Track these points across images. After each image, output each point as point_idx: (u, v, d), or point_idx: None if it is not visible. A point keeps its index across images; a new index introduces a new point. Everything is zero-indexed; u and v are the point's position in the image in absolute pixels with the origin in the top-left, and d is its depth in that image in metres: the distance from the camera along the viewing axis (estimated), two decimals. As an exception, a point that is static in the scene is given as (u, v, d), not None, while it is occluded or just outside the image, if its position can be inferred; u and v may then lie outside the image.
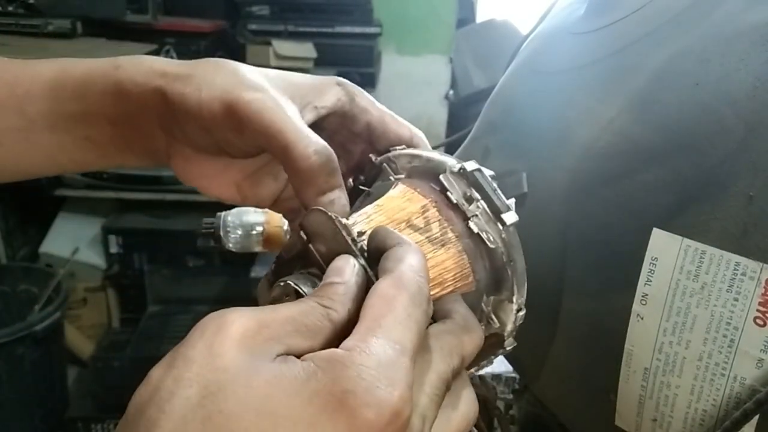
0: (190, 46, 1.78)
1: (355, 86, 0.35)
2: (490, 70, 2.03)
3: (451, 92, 2.16)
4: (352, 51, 1.92)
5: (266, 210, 0.61)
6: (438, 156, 0.32)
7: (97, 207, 1.88)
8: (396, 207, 0.30)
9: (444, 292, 0.29)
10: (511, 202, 0.30)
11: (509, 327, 0.31)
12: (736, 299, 0.30)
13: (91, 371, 1.67)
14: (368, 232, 0.28)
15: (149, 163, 0.37)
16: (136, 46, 1.65)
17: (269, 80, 0.32)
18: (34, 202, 1.84)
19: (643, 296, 0.33)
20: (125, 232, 1.81)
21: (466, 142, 0.51)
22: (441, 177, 0.31)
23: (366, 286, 0.26)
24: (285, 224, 0.63)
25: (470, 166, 0.30)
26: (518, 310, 0.31)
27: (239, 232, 0.64)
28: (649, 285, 0.33)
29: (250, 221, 0.64)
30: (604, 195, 0.35)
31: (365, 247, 0.27)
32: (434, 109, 2.23)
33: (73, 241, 1.83)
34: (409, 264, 0.25)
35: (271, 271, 0.30)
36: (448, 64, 2.16)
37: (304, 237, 0.28)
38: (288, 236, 0.63)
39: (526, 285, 0.31)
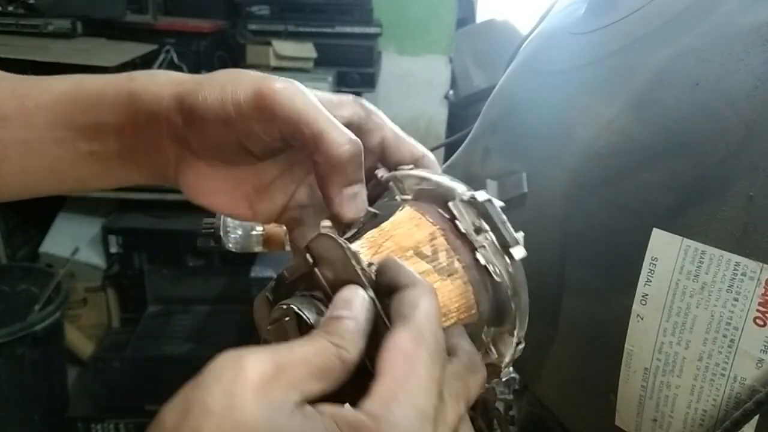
0: (190, 46, 1.78)
1: (371, 105, 0.35)
2: (490, 70, 2.03)
3: (451, 92, 2.16)
4: (352, 51, 1.92)
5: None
6: (448, 181, 0.32)
7: (97, 207, 1.88)
8: (404, 233, 0.30)
9: (448, 322, 0.29)
10: (520, 236, 0.30)
11: (507, 359, 0.31)
12: (736, 299, 0.30)
13: (91, 371, 1.67)
14: (376, 262, 0.28)
15: (153, 180, 0.36)
16: (136, 46, 1.65)
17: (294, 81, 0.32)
18: (34, 202, 1.84)
19: (643, 296, 0.33)
20: (125, 232, 1.80)
21: (466, 142, 0.51)
22: (450, 204, 0.30)
23: (375, 321, 0.26)
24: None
25: (481, 196, 0.30)
26: (518, 344, 0.31)
27: (239, 232, 0.64)
28: (649, 285, 0.33)
29: (251, 221, 0.64)
30: (604, 195, 0.35)
31: (374, 278, 0.27)
32: (434, 109, 2.23)
33: (73, 241, 1.83)
34: (426, 312, 0.25)
35: (271, 289, 0.30)
36: (448, 64, 2.16)
37: (311, 260, 0.28)
38: (287, 238, 0.63)
39: (527, 319, 0.31)
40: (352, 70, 1.91)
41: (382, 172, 0.35)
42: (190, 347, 1.67)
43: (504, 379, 0.32)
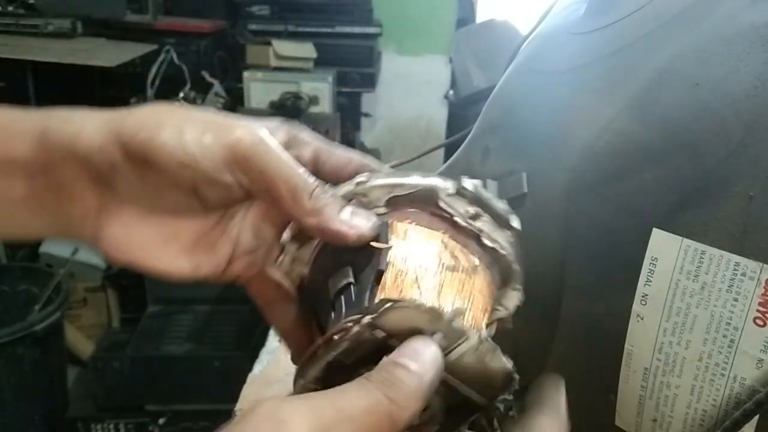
0: (190, 46, 1.78)
1: (295, 127, 0.34)
2: (490, 70, 2.03)
3: (451, 92, 2.16)
4: (352, 51, 1.92)
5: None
6: (422, 180, 0.31)
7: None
8: (421, 254, 0.29)
9: (488, 315, 0.30)
10: (506, 205, 0.31)
11: (512, 309, 0.33)
12: (736, 299, 0.30)
13: (91, 371, 1.67)
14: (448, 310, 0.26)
15: (64, 234, 0.32)
16: (136, 46, 1.65)
17: (253, 124, 0.30)
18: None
19: (643, 296, 0.33)
20: (125, 232, 1.80)
21: (466, 142, 0.51)
22: (442, 204, 0.31)
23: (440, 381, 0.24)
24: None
25: (466, 183, 0.31)
26: (517, 292, 0.33)
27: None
28: (649, 285, 0.33)
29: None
30: (604, 195, 0.35)
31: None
32: (434, 109, 2.23)
33: (73, 241, 1.82)
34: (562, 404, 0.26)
35: (316, 379, 0.26)
36: (448, 64, 2.16)
37: (381, 335, 0.25)
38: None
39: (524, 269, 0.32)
40: (352, 70, 1.91)
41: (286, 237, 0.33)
42: (190, 347, 1.67)
43: (509, 327, 0.33)
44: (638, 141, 0.34)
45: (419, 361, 0.23)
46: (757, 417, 0.30)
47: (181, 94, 1.76)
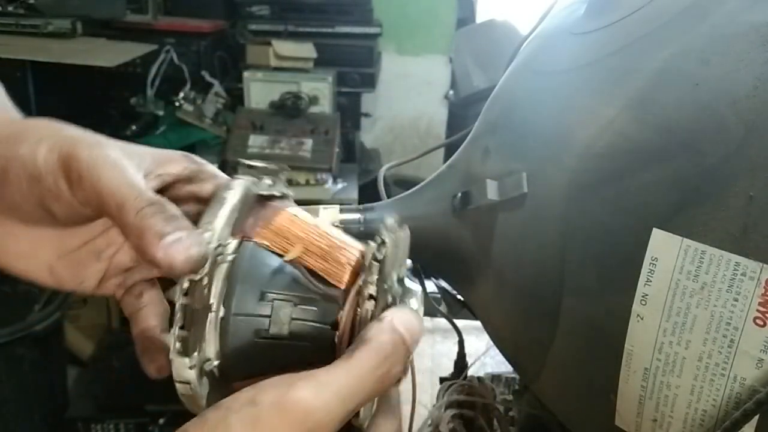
0: (190, 46, 1.78)
1: (201, 159, 0.33)
2: (490, 70, 2.03)
3: (451, 92, 2.16)
4: (352, 51, 1.92)
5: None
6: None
7: (97, 207, 1.87)
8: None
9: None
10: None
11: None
12: (736, 299, 0.30)
13: (91, 371, 1.67)
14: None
15: None
16: (136, 46, 1.65)
17: (109, 143, 0.30)
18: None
19: (643, 296, 0.33)
20: (125, 232, 1.80)
21: (466, 142, 0.51)
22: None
23: None
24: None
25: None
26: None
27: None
28: (649, 285, 0.33)
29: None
30: (604, 195, 0.35)
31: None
32: (434, 109, 2.23)
33: None
34: None
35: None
36: (448, 64, 2.16)
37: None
38: None
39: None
40: (352, 70, 1.91)
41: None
42: (190, 347, 1.66)
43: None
44: (638, 141, 0.34)
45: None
46: (757, 417, 0.30)
47: (181, 94, 1.76)
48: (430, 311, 0.47)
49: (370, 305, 0.28)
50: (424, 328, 0.28)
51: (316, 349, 0.28)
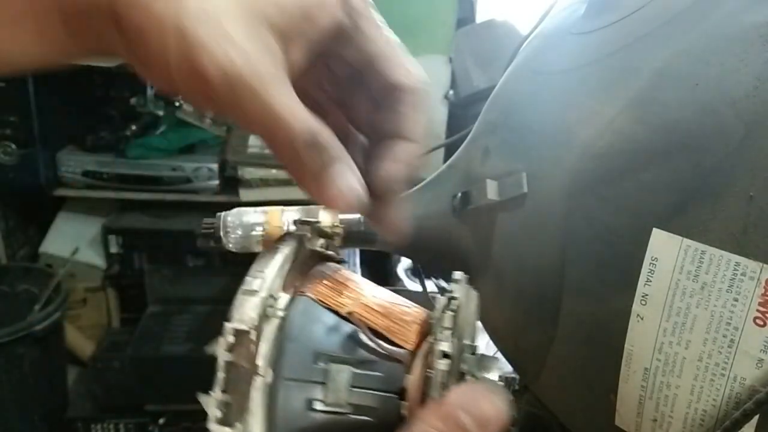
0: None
1: (363, 3, 0.28)
2: (490, 70, 2.03)
3: (451, 92, 2.16)
4: (352, 51, 1.92)
5: (266, 210, 0.61)
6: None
7: (97, 207, 1.87)
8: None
9: None
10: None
11: None
12: (736, 299, 0.30)
13: (91, 371, 1.67)
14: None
15: (112, 61, 0.28)
16: (136, 46, 1.64)
17: (245, 14, 0.23)
18: (34, 202, 1.84)
19: (643, 296, 0.33)
20: (125, 232, 1.80)
21: (466, 142, 0.51)
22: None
23: None
24: (285, 225, 0.63)
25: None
26: None
27: (239, 232, 0.64)
28: (649, 285, 0.33)
29: (250, 221, 0.64)
30: (604, 195, 0.35)
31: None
32: (434, 109, 2.23)
33: (73, 241, 1.83)
34: None
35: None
36: (448, 64, 2.16)
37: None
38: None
39: None
40: (353, 70, 1.91)
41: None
42: (190, 347, 1.66)
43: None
44: (638, 141, 0.34)
45: None
46: (757, 417, 0.30)
47: (182, 94, 1.76)
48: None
49: (444, 364, 0.24)
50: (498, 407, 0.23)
51: (379, 423, 0.25)
